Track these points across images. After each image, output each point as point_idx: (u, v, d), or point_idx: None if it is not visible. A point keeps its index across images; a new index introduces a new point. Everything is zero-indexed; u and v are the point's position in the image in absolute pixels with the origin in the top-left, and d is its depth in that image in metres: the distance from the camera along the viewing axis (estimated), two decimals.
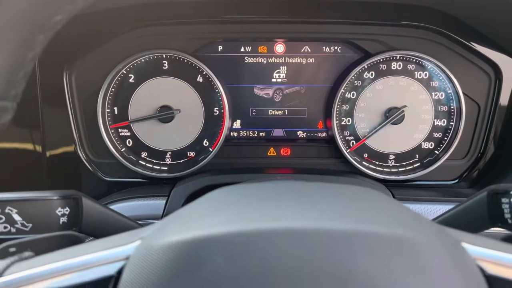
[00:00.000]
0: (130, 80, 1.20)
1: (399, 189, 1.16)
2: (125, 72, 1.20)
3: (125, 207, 1.07)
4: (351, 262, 0.39)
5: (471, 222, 0.76)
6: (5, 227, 0.69)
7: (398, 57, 1.20)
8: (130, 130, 1.23)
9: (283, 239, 0.40)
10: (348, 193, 0.55)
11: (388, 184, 1.18)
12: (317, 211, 0.48)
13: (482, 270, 0.43)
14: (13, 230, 0.69)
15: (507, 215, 0.70)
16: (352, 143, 1.25)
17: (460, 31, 1.16)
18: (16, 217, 0.69)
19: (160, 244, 0.42)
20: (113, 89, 1.20)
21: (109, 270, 0.44)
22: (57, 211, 0.72)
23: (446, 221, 0.79)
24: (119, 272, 0.44)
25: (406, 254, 0.40)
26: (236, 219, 0.45)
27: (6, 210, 0.69)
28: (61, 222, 0.72)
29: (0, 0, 0.39)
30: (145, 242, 0.45)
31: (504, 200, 0.71)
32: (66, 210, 0.73)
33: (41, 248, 0.55)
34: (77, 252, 0.47)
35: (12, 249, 0.60)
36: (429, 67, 1.20)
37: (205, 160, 1.23)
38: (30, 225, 0.70)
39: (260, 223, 0.42)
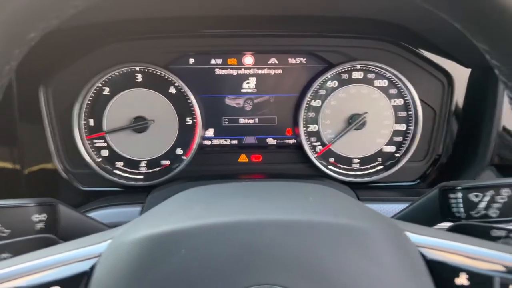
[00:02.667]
0: (105, 93, 1.24)
1: (364, 190, 1.23)
2: (100, 85, 1.24)
3: (102, 214, 1.10)
4: (302, 248, 0.44)
5: (425, 217, 0.81)
6: None
7: (359, 67, 1.28)
8: (105, 140, 1.27)
9: (238, 231, 0.45)
10: (301, 190, 0.61)
11: (353, 186, 1.24)
12: (272, 205, 0.53)
13: (423, 256, 0.48)
14: None
15: (455, 209, 0.76)
16: (319, 148, 1.32)
17: (415, 42, 1.25)
18: None
19: (129, 240, 0.46)
20: (88, 102, 1.24)
21: (83, 266, 0.47)
22: (33, 217, 0.75)
23: (404, 217, 0.84)
24: (92, 268, 0.47)
25: (355, 242, 0.45)
26: (196, 215, 0.49)
27: None
28: (38, 228, 0.74)
29: None
30: (116, 240, 0.49)
31: (452, 195, 0.76)
32: (44, 217, 0.76)
33: (19, 251, 0.57)
34: (53, 251, 0.51)
35: None
36: (387, 75, 1.28)
37: (179, 168, 1.28)
38: (9, 231, 0.72)
39: (216, 217, 0.47)
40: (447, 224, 0.76)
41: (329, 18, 1.24)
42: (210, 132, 1.33)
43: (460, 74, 1.27)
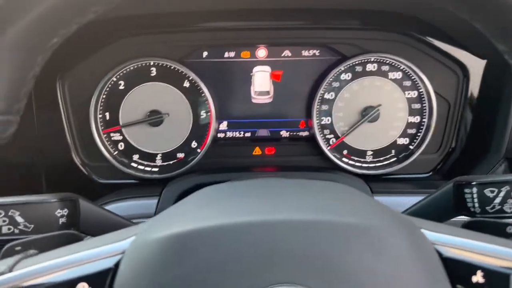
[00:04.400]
0: (120, 87, 1.26)
1: (377, 183, 1.23)
2: (115, 79, 1.26)
3: (119, 207, 1.12)
4: (314, 249, 0.45)
5: (439, 212, 0.82)
6: (9, 229, 0.73)
7: (372, 59, 1.27)
8: (121, 134, 1.29)
9: (258, 230, 0.47)
10: (317, 188, 0.62)
11: (367, 179, 1.24)
12: (290, 205, 0.54)
13: (439, 253, 0.48)
14: (16, 231, 0.73)
15: (470, 204, 0.76)
16: (332, 141, 1.32)
17: (429, 34, 1.23)
18: (19, 219, 0.74)
19: (151, 238, 0.48)
20: (104, 96, 1.26)
21: (108, 263, 0.49)
22: (56, 213, 0.77)
23: (418, 210, 0.84)
24: (117, 265, 0.48)
25: (372, 240, 0.46)
26: (217, 214, 0.51)
27: (10, 213, 0.73)
28: (60, 223, 0.77)
29: (4, 28, 0.45)
30: (139, 237, 0.50)
31: (467, 190, 0.77)
32: (65, 211, 0.78)
33: (44, 246, 0.60)
34: (78, 248, 0.52)
35: (18, 248, 0.64)
36: (402, 67, 1.28)
37: (194, 161, 1.29)
38: (32, 226, 0.74)
39: (238, 217, 0.49)
40: (461, 218, 0.77)
41: (343, 10, 1.23)
42: (223, 125, 1.34)
43: (475, 66, 1.26)
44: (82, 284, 0.47)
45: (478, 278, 0.46)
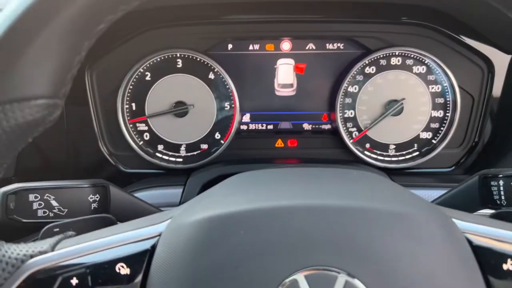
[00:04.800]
0: (147, 78, 1.28)
1: (399, 176, 1.24)
2: (142, 70, 1.28)
3: (144, 195, 1.13)
4: (354, 234, 0.46)
5: (465, 204, 0.83)
6: (44, 212, 0.76)
7: (397, 53, 1.28)
8: (147, 124, 1.31)
9: (294, 215, 0.48)
10: (352, 177, 0.64)
11: (389, 172, 1.26)
12: (327, 191, 0.56)
13: (469, 242, 0.49)
14: (51, 214, 0.76)
15: (496, 197, 0.78)
16: (355, 134, 1.33)
17: (454, 28, 1.23)
18: (54, 203, 0.76)
19: (189, 221, 0.49)
20: (131, 87, 1.28)
21: (145, 245, 0.50)
22: (88, 198, 0.80)
23: (443, 202, 0.86)
24: (153, 247, 0.50)
25: (407, 227, 0.48)
26: (254, 198, 0.52)
27: (45, 197, 0.76)
28: (92, 208, 0.80)
29: (57, 11, 0.46)
30: (175, 220, 0.52)
31: (493, 183, 0.78)
32: (97, 197, 0.81)
33: (81, 228, 0.61)
34: (117, 230, 0.54)
35: (56, 229, 0.67)
36: (426, 62, 1.28)
37: (217, 152, 1.31)
38: (66, 210, 0.77)
39: (274, 201, 0.50)
40: (487, 211, 0.78)
41: (367, 3, 1.24)
42: (247, 117, 1.36)
43: (500, 60, 1.25)
44: (121, 264, 0.49)
45: (508, 266, 0.47)
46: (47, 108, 0.48)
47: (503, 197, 0.76)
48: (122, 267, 0.49)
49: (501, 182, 0.77)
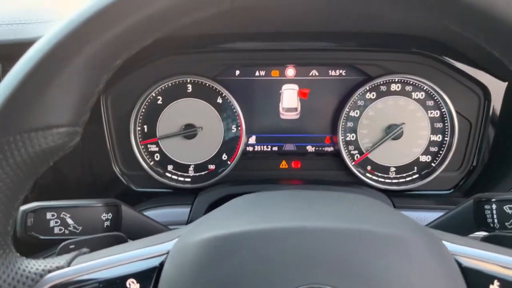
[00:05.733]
0: (158, 102, 1.35)
1: (399, 198, 1.27)
2: (154, 95, 1.34)
3: (154, 214, 1.18)
4: (347, 254, 0.50)
5: (459, 226, 0.86)
6: (60, 229, 0.79)
7: (397, 80, 1.33)
8: (158, 145, 1.37)
9: (290, 235, 0.52)
10: (347, 200, 0.68)
11: (389, 194, 1.28)
12: (323, 214, 0.60)
13: (458, 263, 0.52)
14: (66, 232, 0.79)
15: (489, 220, 0.80)
16: (356, 156, 1.38)
17: (451, 57, 1.28)
18: (69, 221, 0.80)
19: (195, 240, 0.53)
20: (143, 110, 1.35)
21: (154, 262, 0.53)
22: (102, 216, 0.83)
23: (439, 225, 0.88)
24: (162, 264, 0.53)
25: (397, 249, 0.50)
26: (254, 220, 0.56)
27: (61, 215, 0.79)
28: (105, 226, 0.83)
29: (82, 48, 0.49)
30: (182, 239, 0.55)
31: (487, 207, 0.81)
32: (109, 215, 0.84)
33: (94, 246, 0.64)
34: (128, 247, 0.58)
35: (72, 246, 0.71)
36: (424, 88, 1.33)
37: (224, 172, 1.37)
38: (81, 227, 0.81)
39: (272, 223, 0.54)
40: (481, 234, 0.81)
41: (369, 33, 1.29)
42: (252, 139, 1.42)
43: (497, 87, 1.30)
44: (131, 280, 0.53)
45: (495, 287, 0.50)
46: (68, 135, 0.52)
47: (495, 221, 0.79)
48: (133, 282, 0.52)
49: (493, 206, 0.80)
